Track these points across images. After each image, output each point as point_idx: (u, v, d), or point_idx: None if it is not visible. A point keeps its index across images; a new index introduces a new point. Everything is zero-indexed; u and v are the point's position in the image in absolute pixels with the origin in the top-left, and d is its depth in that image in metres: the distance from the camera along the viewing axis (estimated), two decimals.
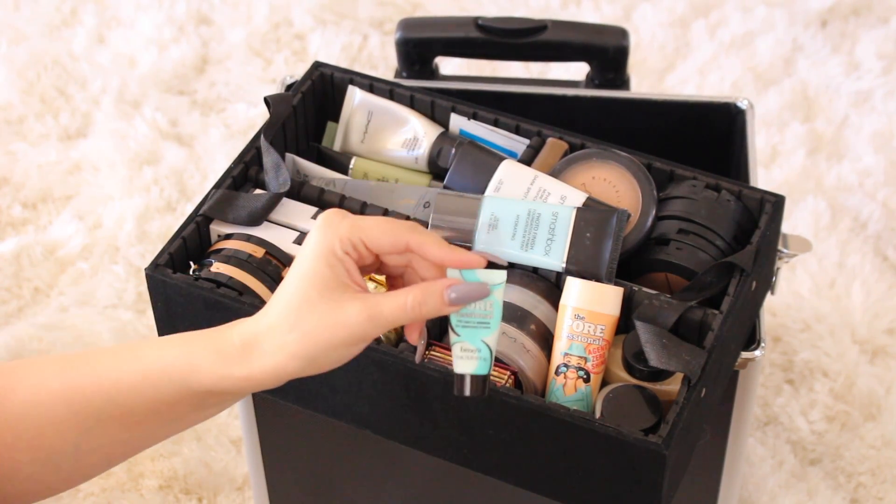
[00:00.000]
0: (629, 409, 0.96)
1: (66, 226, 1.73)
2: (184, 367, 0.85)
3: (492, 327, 0.85)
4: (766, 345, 1.11)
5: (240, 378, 0.84)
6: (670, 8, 2.01)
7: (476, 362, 0.85)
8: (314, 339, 0.83)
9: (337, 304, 0.83)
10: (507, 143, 1.14)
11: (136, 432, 0.87)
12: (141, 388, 0.85)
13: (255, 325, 0.85)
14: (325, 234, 0.84)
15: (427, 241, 0.85)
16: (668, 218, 1.07)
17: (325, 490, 1.31)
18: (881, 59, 1.93)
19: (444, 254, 0.84)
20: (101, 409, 0.85)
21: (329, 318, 0.83)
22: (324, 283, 0.83)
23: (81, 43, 1.97)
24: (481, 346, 0.85)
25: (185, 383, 0.85)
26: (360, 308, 0.83)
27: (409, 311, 0.84)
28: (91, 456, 0.87)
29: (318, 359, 0.84)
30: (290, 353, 0.83)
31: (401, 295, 0.84)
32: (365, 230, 0.84)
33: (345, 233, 0.84)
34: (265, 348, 0.83)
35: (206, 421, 1.52)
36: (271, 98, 1.14)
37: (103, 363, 0.86)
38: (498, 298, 0.85)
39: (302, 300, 0.83)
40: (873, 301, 1.63)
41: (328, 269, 0.83)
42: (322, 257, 0.84)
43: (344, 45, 1.97)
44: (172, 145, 1.83)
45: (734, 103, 1.28)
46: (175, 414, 0.87)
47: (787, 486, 1.48)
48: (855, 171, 1.78)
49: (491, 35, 1.34)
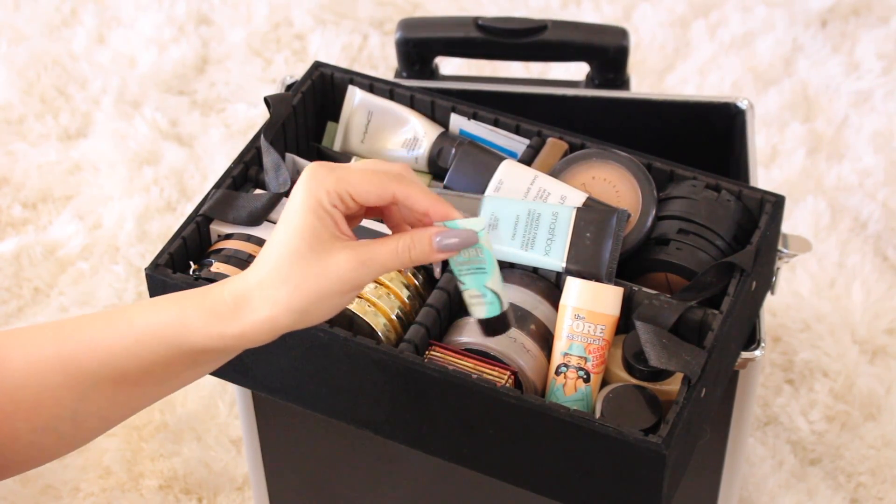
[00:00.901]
0: (629, 409, 0.96)
1: (66, 226, 1.73)
2: (176, 327, 0.85)
3: (488, 272, 0.87)
4: (766, 345, 1.11)
5: (233, 336, 0.85)
6: (670, 8, 2.01)
7: (486, 307, 0.88)
8: (306, 291, 0.83)
9: (327, 254, 0.84)
10: (507, 143, 1.14)
11: (132, 394, 0.87)
12: (135, 351, 0.85)
13: (245, 281, 0.85)
14: (312, 187, 0.85)
15: (413, 191, 0.86)
16: (668, 218, 1.07)
17: (325, 490, 1.31)
18: (881, 59, 1.93)
19: (430, 206, 0.86)
20: (96, 374, 0.86)
21: (320, 268, 0.84)
22: (313, 234, 0.84)
23: (81, 43, 1.97)
24: (485, 290, 0.88)
25: (178, 344, 0.85)
26: (351, 255, 0.84)
27: (399, 256, 0.85)
28: (89, 420, 0.87)
29: (310, 310, 0.84)
30: (282, 306, 0.84)
31: (391, 241, 0.85)
32: (352, 183, 0.85)
33: (331, 186, 0.85)
34: (256, 304, 0.84)
35: (207, 421, 1.52)
36: (271, 98, 1.14)
37: (96, 328, 0.86)
38: (485, 244, 0.87)
39: (291, 253, 0.84)
40: (873, 301, 1.63)
41: (317, 221, 0.84)
42: (310, 210, 0.84)
43: (344, 45, 1.97)
44: (172, 145, 1.83)
45: (734, 103, 1.28)
46: (169, 374, 0.87)
47: (787, 486, 1.48)
48: (855, 171, 1.78)
49: (491, 35, 1.34)
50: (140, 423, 1.52)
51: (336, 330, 0.99)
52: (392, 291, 1.04)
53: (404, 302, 1.04)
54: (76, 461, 1.49)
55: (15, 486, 1.47)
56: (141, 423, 1.52)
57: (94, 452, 1.50)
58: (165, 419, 1.52)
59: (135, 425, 1.52)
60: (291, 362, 1.02)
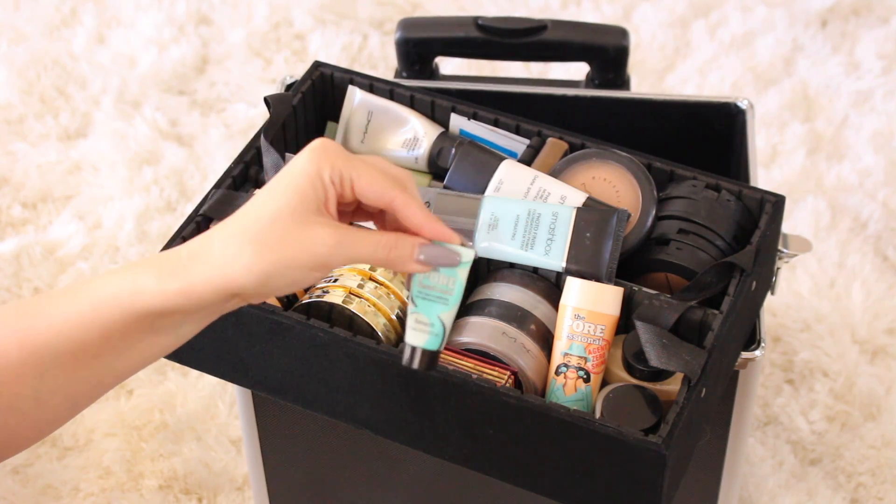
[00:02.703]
0: (629, 409, 0.96)
1: (66, 226, 1.73)
2: (129, 289, 0.81)
3: (450, 304, 0.84)
4: (766, 345, 1.11)
5: (178, 291, 0.80)
6: (670, 8, 2.01)
7: (427, 336, 0.84)
8: (274, 255, 0.79)
9: (308, 224, 0.80)
10: (507, 143, 1.14)
11: (94, 367, 0.84)
12: (91, 320, 0.82)
13: (208, 236, 0.81)
14: (318, 156, 0.81)
15: (412, 204, 0.83)
16: (668, 218, 1.07)
17: (325, 490, 1.31)
18: (881, 59, 1.93)
19: (424, 223, 0.83)
20: (55, 347, 0.83)
21: (296, 236, 0.80)
22: (300, 200, 0.80)
23: (81, 43, 1.97)
24: (436, 321, 0.84)
25: (131, 307, 0.81)
26: (331, 233, 0.80)
27: (379, 251, 0.82)
28: (53, 397, 0.84)
29: (273, 278, 0.80)
30: (243, 265, 0.80)
31: (375, 234, 0.82)
32: (358, 171, 0.82)
33: (338, 163, 0.81)
34: (213, 259, 0.80)
35: (207, 421, 1.52)
36: (271, 98, 1.14)
37: (54, 301, 0.83)
38: (461, 277, 0.84)
39: (270, 213, 0.80)
40: (873, 301, 1.63)
41: (310, 188, 0.81)
42: (306, 176, 0.81)
43: (344, 45, 1.97)
44: (172, 145, 1.83)
45: (734, 103, 1.28)
46: (128, 342, 0.83)
47: (787, 486, 1.48)
48: (855, 171, 1.78)
49: (491, 35, 1.34)
50: (140, 423, 1.52)
51: (336, 330, 0.99)
52: (392, 291, 1.04)
53: (404, 302, 1.04)
54: (76, 461, 1.49)
55: (15, 486, 1.47)
56: (141, 423, 1.52)
57: (94, 452, 1.50)
58: (165, 419, 1.52)
59: (135, 425, 1.52)
60: (291, 362, 1.02)
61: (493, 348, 1.00)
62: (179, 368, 1.58)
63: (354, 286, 1.03)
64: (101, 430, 1.52)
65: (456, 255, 0.83)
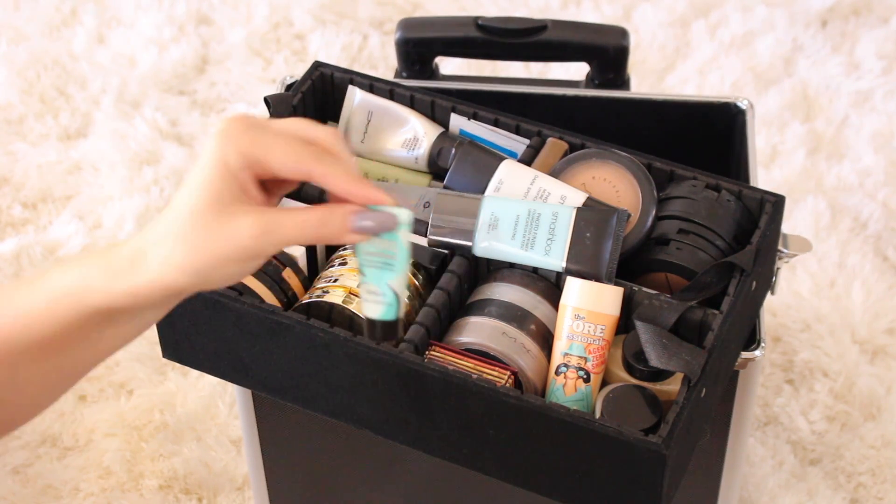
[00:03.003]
0: (629, 409, 0.96)
1: (66, 226, 1.73)
2: (79, 287, 0.81)
3: (396, 270, 0.81)
4: (766, 345, 1.11)
5: (125, 293, 0.80)
6: (670, 8, 2.01)
7: (381, 307, 0.81)
8: (203, 254, 0.79)
9: (229, 217, 0.79)
10: (507, 143, 1.14)
11: (62, 359, 0.84)
12: (48, 316, 0.82)
13: (143, 238, 0.80)
14: (222, 145, 0.79)
15: (332, 172, 0.80)
16: (668, 218, 1.07)
17: (325, 490, 1.31)
18: (881, 59, 1.93)
19: (350, 190, 0.80)
20: (19, 342, 0.82)
21: (219, 232, 0.78)
22: (216, 194, 0.79)
23: (81, 43, 1.97)
24: (386, 290, 0.81)
25: (83, 304, 0.81)
26: (253, 222, 0.78)
27: (308, 230, 0.79)
28: (28, 387, 0.84)
29: (208, 274, 0.79)
30: (176, 266, 0.79)
31: (302, 213, 0.79)
32: (267, 149, 0.79)
33: (244, 147, 0.79)
34: (150, 262, 0.79)
35: (207, 421, 1.52)
36: (271, 98, 1.14)
37: (17, 295, 0.83)
38: (403, 240, 0.80)
39: (191, 212, 0.79)
40: (873, 301, 1.63)
41: (221, 181, 0.79)
42: (215, 169, 0.79)
43: (344, 45, 1.97)
44: (172, 145, 1.83)
45: (734, 103, 1.28)
46: (87, 336, 0.83)
47: (787, 486, 1.48)
48: (855, 171, 1.78)
49: (491, 35, 1.34)
50: (140, 423, 1.52)
51: (336, 330, 0.99)
52: None
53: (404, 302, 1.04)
54: (76, 461, 1.49)
55: (15, 486, 1.47)
56: (141, 424, 1.52)
57: (94, 452, 1.50)
58: (165, 419, 1.52)
59: (135, 425, 1.52)
60: (291, 362, 1.02)
61: (493, 348, 1.00)
62: (179, 368, 1.58)
63: (354, 286, 1.03)
64: (101, 430, 1.52)
65: (392, 216, 0.79)
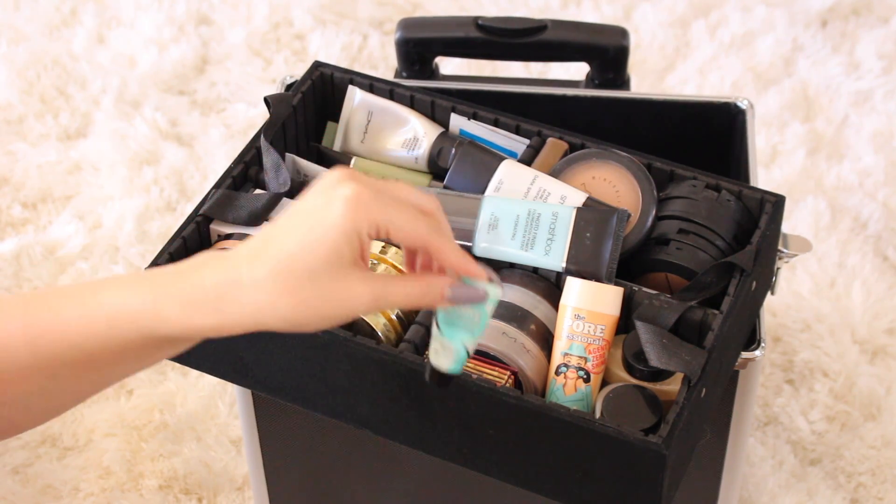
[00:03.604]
0: (629, 409, 0.96)
1: (66, 226, 1.73)
2: (151, 315, 0.82)
3: (474, 335, 0.87)
4: (766, 345, 1.11)
5: (211, 328, 0.81)
6: (670, 8, 2.01)
7: (452, 362, 0.87)
8: (311, 309, 0.81)
9: (344, 281, 0.81)
10: (507, 143, 1.14)
11: (103, 373, 0.85)
12: (107, 336, 0.82)
13: (236, 274, 0.81)
14: (354, 211, 0.81)
15: (446, 247, 0.84)
16: (668, 218, 1.07)
17: (325, 490, 1.31)
18: (881, 59, 1.93)
19: (457, 263, 0.84)
20: (65, 355, 0.83)
21: (333, 293, 0.81)
22: (337, 257, 0.80)
23: (81, 43, 1.97)
24: (461, 347, 0.87)
25: (152, 332, 0.82)
26: (368, 290, 0.81)
27: (410, 299, 0.83)
28: (60, 396, 0.85)
29: (305, 325, 0.82)
30: (277, 316, 0.80)
31: (407, 282, 0.83)
32: (393, 221, 0.82)
33: (374, 217, 0.81)
34: (246, 303, 0.80)
35: (207, 421, 1.52)
36: (271, 98, 1.14)
37: (67, 307, 0.83)
38: (487, 311, 0.86)
39: (306, 267, 0.80)
40: (873, 301, 1.63)
41: (346, 246, 0.81)
42: (343, 234, 0.80)
43: (344, 45, 1.97)
44: (172, 145, 1.83)
45: (734, 103, 1.28)
46: (140, 357, 0.85)
47: (787, 486, 1.48)
48: (855, 171, 1.78)
49: (491, 35, 1.34)
50: (140, 423, 1.52)
51: (336, 330, 0.99)
52: None
53: None
54: (76, 461, 1.49)
55: (15, 486, 1.47)
56: (141, 424, 1.52)
57: (94, 452, 1.50)
58: (165, 419, 1.52)
59: (135, 425, 1.52)
60: (291, 362, 1.02)
61: (493, 348, 1.00)
62: (179, 368, 1.58)
63: None
64: (101, 430, 1.52)
65: (482, 293, 0.85)
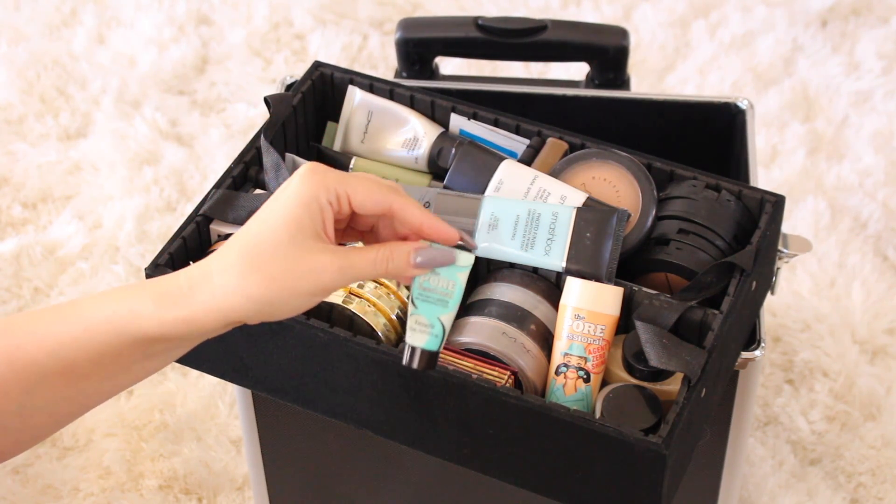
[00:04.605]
0: (629, 409, 0.96)
1: (66, 226, 1.73)
2: (125, 314, 0.82)
3: (450, 307, 0.86)
4: (766, 345, 1.11)
5: (182, 319, 0.82)
6: (670, 8, 2.01)
7: (428, 337, 0.86)
8: (279, 284, 0.81)
9: (309, 252, 0.82)
10: (507, 143, 1.14)
11: (81, 387, 0.85)
12: (83, 341, 0.83)
13: (206, 266, 0.82)
14: (311, 180, 0.82)
15: (409, 204, 0.85)
16: (668, 218, 1.07)
17: (325, 490, 1.31)
18: (881, 59, 1.93)
19: (424, 221, 0.85)
20: (43, 366, 0.83)
21: (299, 265, 0.81)
22: (298, 228, 0.81)
23: (81, 43, 1.97)
24: (436, 322, 0.86)
25: (127, 332, 0.82)
26: (332, 259, 0.82)
27: (376, 266, 0.84)
28: (37, 415, 0.85)
29: (277, 306, 0.82)
30: (246, 294, 0.81)
31: (371, 250, 0.84)
32: (351, 185, 0.83)
33: (332, 183, 0.83)
34: (215, 288, 0.81)
35: (207, 421, 1.52)
36: (271, 98, 1.14)
37: (44, 320, 0.84)
38: (461, 280, 0.86)
39: (270, 243, 0.81)
40: (873, 301, 1.63)
41: (307, 215, 0.82)
42: (303, 203, 0.82)
43: (344, 45, 1.97)
44: (172, 145, 1.83)
45: (734, 103, 1.28)
46: (120, 365, 0.84)
47: (787, 486, 1.48)
48: (855, 171, 1.78)
49: (491, 35, 1.34)
50: (140, 423, 1.52)
51: (336, 330, 0.99)
52: (392, 291, 1.04)
53: (404, 302, 1.04)
54: (76, 461, 1.49)
55: (15, 486, 1.47)
56: (141, 423, 1.52)
57: (94, 452, 1.50)
58: (165, 419, 1.52)
59: (135, 425, 1.52)
60: (291, 362, 1.02)
61: (493, 348, 1.00)
62: (179, 368, 1.58)
63: (354, 286, 1.04)
64: (101, 430, 1.52)
65: (450, 253, 0.85)
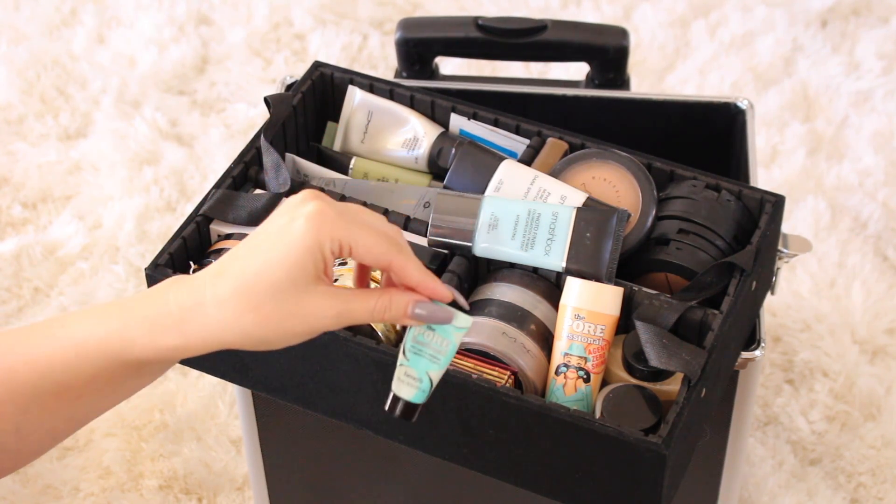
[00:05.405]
0: (629, 409, 0.96)
1: (66, 226, 1.73)
2: (118, 340, 0.83)
3: (441, 364, 0.86)
4: (766, 345, 1.11)
5: (172, 348, 0.83)
6: (670, 8, 2.01)
7: (415, 391, 0.87)
8: (275, 325, 0.82)
9: (308, 296, 0.82)
10: (507, 143, 1.14)
11: (76, 406, 0.85)
12: (76, 364, 0.83)
13: (200, 294, 0.82)
14: (317, 227, 0.82)
15: (409, 266, 0.84)
16: (668, 218, 1.07)
17: (325, 490, 1.31)
18: (881, 59, 1.93)
19: (420, 282, 0.85)
20: (37, 388, 0.83)
21: (297, 309, 0.82)
22: (301, 272, 0.81)
23: (81, 43, 1.97)
24: (425, 377, 0.86)
25: (120, 357, 0.83)
26: (331, 304, 0.82)
27: (374, 315, 0.84)
28: (34, 434, 0.85)
29: (271, 341, 0.83)
30: (241, 332, 0.82)
31: (370, 298, 0.84)
32: (355, 236, 0.83)
33: (337, 233, 0.82)
34: (209, 320, 0.82)
35: (207, 421, 1.52)
36: (271, 98, 1.14)
37: (35, 341, 0.84)
38: (455, 340, 0.86)
39: (270, 283, 0.81)
40: (873, 301, 1.63)
41: (310, 261, 0.82)
42: (306, 249, 0.82)
43: (344, 45, 1.97)
44: (172, 145, 1.83)
45: (734, 103, 1.28)
46: (112, 386, 0.85)
47: (787, 486, 1.48)
48: (855, 171, 1.78)
49: (491, 35, 1.34)
50: (140, 423, 1.52)
51: (336, 330, 0.99)
52: None
53: None
54: (76, 461, 1.49)
55: (15, 486, 1.47)
56: (141, 423, 1.52)
57: (94, 452, 1.50)
58: (165, 419, 1.52)
59: (135, 425, 1.52)
60: (291, 362, 1.02)
61: (493, 348, 1.00)
62: (179, 368, 1.58)
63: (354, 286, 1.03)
64: (101, 430, 1.52)
65: (450, 313, 0.85)
